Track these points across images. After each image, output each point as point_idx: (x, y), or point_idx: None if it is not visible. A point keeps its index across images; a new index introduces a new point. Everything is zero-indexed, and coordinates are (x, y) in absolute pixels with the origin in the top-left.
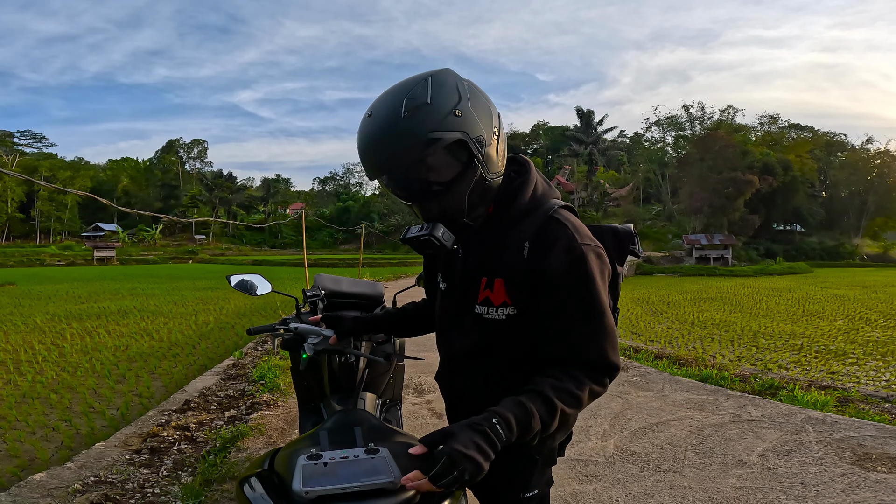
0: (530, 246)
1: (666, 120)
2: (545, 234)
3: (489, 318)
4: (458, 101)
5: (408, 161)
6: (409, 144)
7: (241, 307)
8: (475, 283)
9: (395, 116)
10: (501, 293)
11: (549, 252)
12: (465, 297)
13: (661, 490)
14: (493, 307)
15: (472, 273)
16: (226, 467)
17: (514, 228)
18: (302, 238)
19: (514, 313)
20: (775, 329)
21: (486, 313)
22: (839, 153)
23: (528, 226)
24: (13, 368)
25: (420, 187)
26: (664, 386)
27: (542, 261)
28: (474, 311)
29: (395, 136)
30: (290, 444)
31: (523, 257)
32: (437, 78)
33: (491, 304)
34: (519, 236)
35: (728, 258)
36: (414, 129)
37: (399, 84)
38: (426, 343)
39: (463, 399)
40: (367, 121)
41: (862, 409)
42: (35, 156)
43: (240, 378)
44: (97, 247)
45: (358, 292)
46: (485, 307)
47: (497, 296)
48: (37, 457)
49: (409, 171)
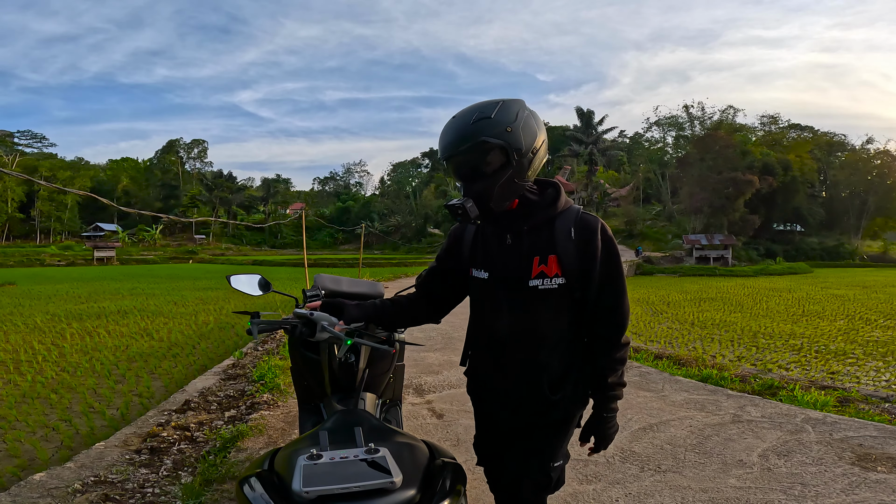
0: (575, 230)
1: (666, 120)
2: (583, 222)
3: (544, 289)
4: (513, 122)
5: (466, 152)
6: (469, 142)
7: (241, 307)
8: (528, 262)
9: (466, 122)
10: (554, 266)
11: (591, 233)
12: (519, 275)
13: (661, 490)
14: (548, 278)
15: (525, 254)
16: (226, 467)
17: (557, 220)
18: (302, 238)
19: (564, 282)
20: (775, 329)
21: (542, 285)
22: (839, 153)
23: (567, 218)
24: (13, 368)
25: (469, 172)
26: (664, 386)
27: (588, 240)
28: (529, 285)
29: (462, 135)
30: (289, 445)
31: (571, 238)
32: (506, 103)
33: (545, 276)
34: (564, 225)
35: (728, 258)
36: (474, 133)
37: (482, 101)
38: (428, 343)
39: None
40: (451, 121)
41: (862, 409)
42: (35, 156)
43: (240, 378)
44: (97, 247)
45: (358, 292)
46: (539, 280)
47: (550, 269)
48: (37, 457)
49: (465, 159)
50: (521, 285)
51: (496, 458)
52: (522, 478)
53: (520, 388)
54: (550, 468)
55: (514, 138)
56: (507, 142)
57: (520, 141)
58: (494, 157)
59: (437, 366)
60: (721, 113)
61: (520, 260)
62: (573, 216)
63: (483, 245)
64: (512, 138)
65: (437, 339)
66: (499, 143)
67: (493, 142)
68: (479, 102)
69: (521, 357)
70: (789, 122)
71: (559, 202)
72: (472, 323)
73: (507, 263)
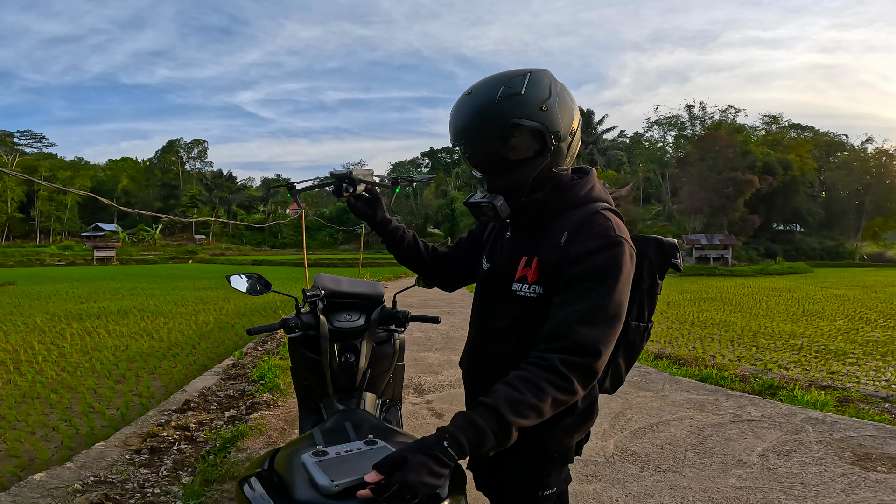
0: (568, 236)
1: (667, 119)
2: (585, 224)
3: (522, 296)
4: (548, 99)
5: (490, 138)
6: (495, 125)
7: (241, 307)
8: (516, 261)
9: (489, 99)
10: (535, 272)
11: (583, 240)
12: (506, 275)
13: (661, 490)
14: (527, 284)
15: (515, 252)
16: (226, 467)
17: (559, 218)
18: (302, 238)
19: (542, 292)
20: (775, 329)
21: (521, 290)
22: (839, 153)
23: (572, 217)
24: (13, 368)
25: (495, 162)
26: (664, 386)
27: (573, 246)
28: (511, 287)
29: (486, 115)
30: (290, 444)
31: (559, 244)
32: (535, 74)
33: (526, 281)
34: (562, 225)
35: (728, 258)
36: (503, 113)
37: (502, 73)
38: (428, 343)
39: (479, 378)
40: (465, 97)
41: (862, 409)
42: (35, 156)
43: (240, 378)
44: (97, 247)
45: (358, 292)
46: (520, 284)
47: (532, 274)
48: (37, 457)
49: (489, 146)
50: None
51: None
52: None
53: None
54: (540, 497)
55: (551, 119)
56: (543, 123)
57: (558, 122)
58: (526, 142)
59: (437, 366)
60: (722, 113)
61: (510, 257)
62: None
63: (495, 236)
64: (549, 119)
65: (437, 339)
66: (534, 125)
67: (527, 124)
68: (498, 74)
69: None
70: (789, 122)
71: (574, 192)
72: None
73: (501, 258)
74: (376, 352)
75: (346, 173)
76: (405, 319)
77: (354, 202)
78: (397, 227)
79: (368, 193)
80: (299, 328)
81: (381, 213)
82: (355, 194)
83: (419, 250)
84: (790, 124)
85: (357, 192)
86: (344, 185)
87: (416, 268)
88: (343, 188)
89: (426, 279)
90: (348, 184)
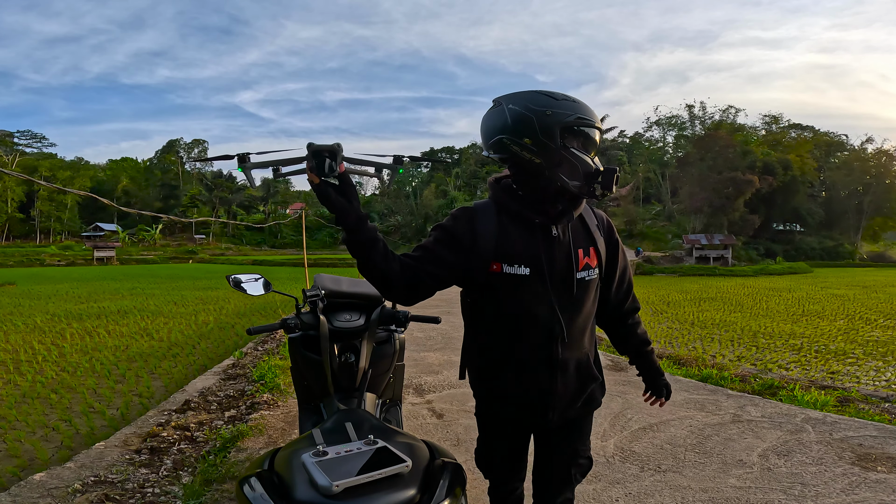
0: (605, 226)
1: (667, 119)
2: (600, 214)
3: (588, 280)
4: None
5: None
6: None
7: (241, 307)
8: (574, 254)
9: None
10: (595, 259)
11: (610, 224)
12: (567, 269)
13: (661, 490)
14: (592, 269)
15: (570, 246)
16: (226, 467)
17: (586, 216)
18: (302, 238)
19: (599, 272)
20: (775, 329)
21: (587, 276)
22: (839, 153)
23: (589, 212)
24: (13, 368)
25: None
26: None
27: (611, 230)
28: (576, 276)
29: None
30: (290, 444)
31: (601, 234)
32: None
33: (590, 267)
34: (589, 219)
35: (728, 258)
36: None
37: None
38: (428, 343)
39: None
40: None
41: (862, 408)
42: (35, 156)
43: (240, 378)
44: (97, 247)
45: (358, 292)
46: (585, 272)
47: (593, 260)
48: (37, 457)
49: (596, 135)
50: (569, 278)
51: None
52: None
53: (579, 381)
54: (589, 449)
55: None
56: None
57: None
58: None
59: (437, 366)
60: (722, 113)
61: (568, 253)
62: (590, 210)
63: (518, 238)
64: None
65: (436, 339)
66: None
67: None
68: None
69: (577, 350)
70: (790, 122)
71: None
72: (494, 327)
73: (556, 257)
74: (376, 352)
75: (332, 146)
76: (405, 319)
77: (325, 188)
78: (374, 226)
79: (339, 179)
80: (299, 328)
81: (357, 204)
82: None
83: (393, 258)
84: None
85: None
86: (328, 161)
87: (383, 281)
88: (327, 165)
89: (390, 294)
90: (332, 160)
